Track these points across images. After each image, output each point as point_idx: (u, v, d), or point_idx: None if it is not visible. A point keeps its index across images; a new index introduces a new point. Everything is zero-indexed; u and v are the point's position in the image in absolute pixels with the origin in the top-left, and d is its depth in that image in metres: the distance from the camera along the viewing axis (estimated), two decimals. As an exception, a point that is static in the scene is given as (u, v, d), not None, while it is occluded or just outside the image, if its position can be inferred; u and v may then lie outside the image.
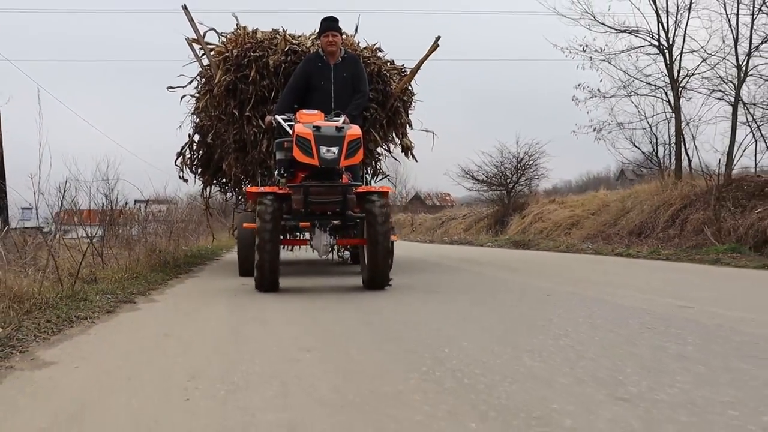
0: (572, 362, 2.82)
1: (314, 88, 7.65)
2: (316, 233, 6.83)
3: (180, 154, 10.80)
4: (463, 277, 7.43)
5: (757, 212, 11.91)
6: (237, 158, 9.01)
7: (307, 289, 6.80)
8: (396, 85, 9.66)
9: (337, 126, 6.62)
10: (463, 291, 6.04)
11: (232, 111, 8.69)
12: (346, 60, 7.88)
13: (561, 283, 6.80)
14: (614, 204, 19.03)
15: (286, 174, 6.89)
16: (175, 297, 6.09)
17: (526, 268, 9.21)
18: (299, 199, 6.48)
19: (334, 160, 6.37)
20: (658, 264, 10.77)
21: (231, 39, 9.27)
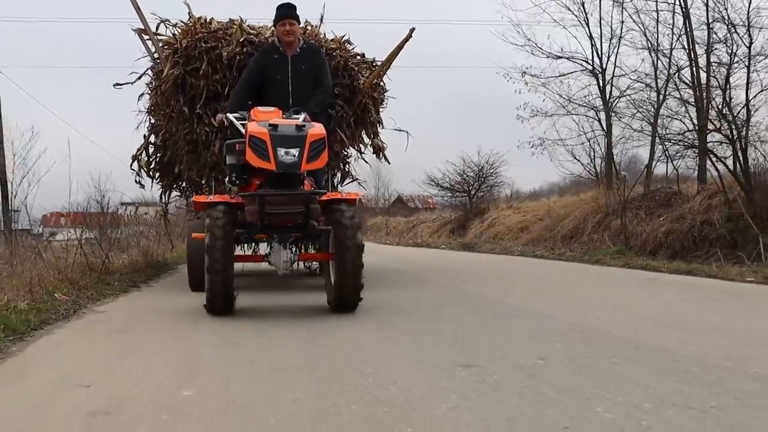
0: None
1: (270, 82, 7.00)
2: (274, 248, 5.94)
3: (135, 158, 9.66)
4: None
5: (661, 219, 13.30)
6: (190, 161, 8.14)
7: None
8: (365, 80, 8.72)
9: (297, 124, 5.71)
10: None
11: (182, 108, 7.92)
12: (305, 51, 7.18)
13: (452, 277, 8.78)
14: (557, 211, 20.18)
15: (238, 181, 6.08)
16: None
17: (447, 267, 11.01)
18: (254, 210, 5.58)
19: (294, 164, 5.44)
20: (550, 263, 12.48)
21: (183, 30, 8.35)
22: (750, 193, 11.06)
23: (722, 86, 11.88)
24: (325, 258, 6.48)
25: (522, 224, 21.76)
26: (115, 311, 5.84)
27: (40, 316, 4.92)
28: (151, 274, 9.80)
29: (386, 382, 2.93)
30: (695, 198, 13.09)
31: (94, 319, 5.39)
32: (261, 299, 6.82)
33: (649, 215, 14.10)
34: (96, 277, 7.44)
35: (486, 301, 6.37)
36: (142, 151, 9.68)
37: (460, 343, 4.00)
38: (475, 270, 10.44)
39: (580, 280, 8.65)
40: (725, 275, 8.80)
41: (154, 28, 8.63)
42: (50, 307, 5.33)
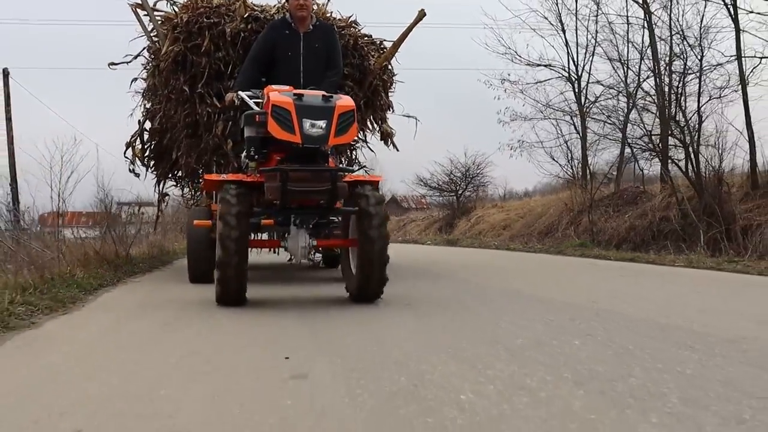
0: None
1: (280, 59, 6.30)
2: (292, 232, 5.23)
3: (129, 145, 8.97)
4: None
5: (626, 216, 14.80)
6: (189, 145, 7.55)
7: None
8: (376, 61, 8.09)
9: (323, 95, 5.10)
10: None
11: (182, 87, 7.32)
12: (318, 28, 6.46)
13: (431, 264, 9.77)
14: (536, 209, 21.28)
15: (257, 156, 5.45)
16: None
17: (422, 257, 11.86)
18: (275, 187, 4.88)
19: (321, 136, 4.84)
20: (518, 254, 13.80)
21: (183, 5, 7.74)
22: (700, 192, 11.98)
23: (677, 95, 13.39)
24: (346, 245, 5.70)
25: (505, 222, 22.71)
26: (148, 281, 7.53)
27: (97, 281, 6.44)
28: (165, 260, 11.90)
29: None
30: (657, 197, 14.52)
31: (135, 284, 7.07)
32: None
33: (617, 212, 15.48)
34: (123, 259, 8.71)
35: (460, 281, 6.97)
36: (136, 138, 8.96)
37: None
38: (450, 260, 10.99)
39: (536, 267, 9.60)
40: (661, 261, 10.17)
41: (151, 4, 7.96)
42: (100, 276, 6.85)
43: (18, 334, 3.79)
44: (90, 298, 5.73)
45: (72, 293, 5.58)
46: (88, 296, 5.80)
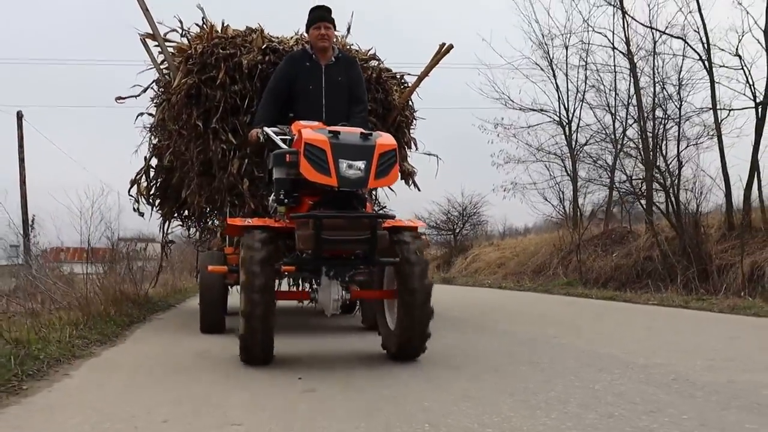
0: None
1: (300, 93, 6.69)
2: (323, 283, 5.26)
3: (134, 183, 9.47)
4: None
5: (614, 255, 17.55)
6: (201, 184, 8.06)
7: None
8: (400, 96, 8.61)
9: (362, 132, 5.19)
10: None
11: (195, 122, 7.77)
12: (340, 60, 6.84)
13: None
14: (530, 247, 24.83)
15: (286, 200, 5.52)
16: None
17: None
18: (308, 236, 4.91)
19: (359, 179, 4.97)
20: (510, 293, 17.51)
21: (196, 36, 8.24)
22: (680, 234, 14.97)
23: (657, 141, 17.11)
24: (384, 297, 5.77)
25: (500, 260, 26.54)
26: (171, 318, 10.03)
27: (128, 318, 8.61)
28: (179, 298, 14.77)
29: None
30: (642, 237, 17.44)
31: (159, 321, 9.46)
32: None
33: (604, 252, 18.42)
34: (143, 298, 10.97)
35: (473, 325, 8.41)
36: (141, 175, 9.47)
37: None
38: (446, 299, 12.38)
39: (523, 304, 12.78)
40: (636, 300, 12.93)
41: (162, 34, 8.47)
42: (129, 314, 8.88)
43: (85, 361, 5.60)
44: (127, 333, 7.74)
45: (112, 329, 7.47)
46: (125, 331, 7.83)
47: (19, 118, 24.92)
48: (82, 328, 7.02)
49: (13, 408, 3.87)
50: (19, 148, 25.00)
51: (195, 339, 6.96)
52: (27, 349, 5.37)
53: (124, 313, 8.89)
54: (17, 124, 24.93)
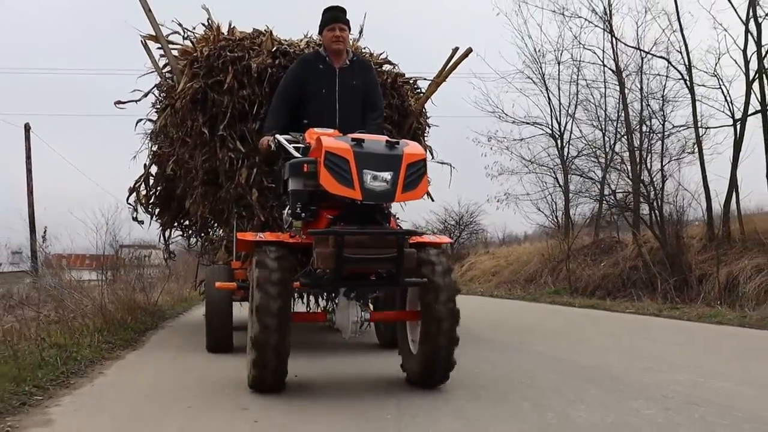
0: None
1: (312, 97, 6.31)
2: (341, 303, 4.84)
3: (133, 190, 9.05)
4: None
5: (602, 264, 17.99)
6: (205, 193, 7.59)
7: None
8: (416, 101, 8.19)
9: (387, 140, 4.73)
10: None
11: (201, 129, 7.29)
12: (355, 64, 6.45)
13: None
14: (524, 256, 25.19)
15: (304, 213, 4.97)
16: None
17: None
18: (328, 254, 4.42)
19: (385, 192, 4.53)
20: (496, 300, 18.49)
21: (202, 38, 7.77)
22: (663, 244, 15.64)
23: (644, 156, 17.81)
24: (407, 318, 5.29)
25: (495, 269, 26.94)
26: (181, 325, 10.58)
27: (143, 325, 9.40)
28: (186, 306, 15.22)
29: None
30: (629, 246, 17.88)
31: (171, 328, 10.21)
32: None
33: (593, 261, 18.78)
34: (153, 306, 11.49)
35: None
36: (140, 183, 8.99)
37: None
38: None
39: (502, 310, 13.84)
40: (615, 308, 13.59)
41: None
42: (142, 321, 9.59)
43: (114, 362, 6.50)
44: (144, 339, 8.50)
45: (130, 335, 8.24)
46: (142, 337, 8.59)
47: (26, 131, 25.18)
48: (106, 334, 7.77)
49: (67, 398, 4.80)
50: (27, 159, 25.30)
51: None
52: (67, 352, 6.29)
53: (139, 320, 9.51)
54: (25, 135, 25.21)
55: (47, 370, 5.45)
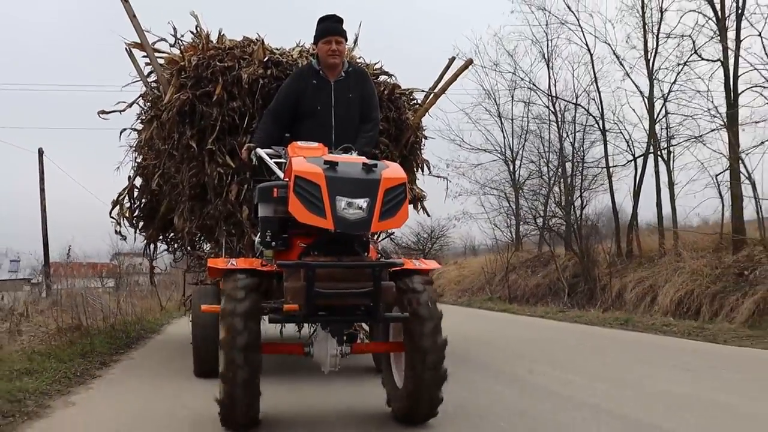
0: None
1: (307, 113, 5.69)
2: (320, 335, 4.24)
3: (116, 203, 8.23)
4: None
5: (538, 276, 19.91)
6: (192, 209, 6.96)
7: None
8: (414, 114, 7.45)
9: (364, 163, 4.01)
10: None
11: (188, 143, 6.58)
12: (351, 75, 5.72)
13: None
14: (485, 267, 25.44)
15: (274, 242, 4.37)
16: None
17: None
18: (298, 289, 3.84)
19: (361, 221, 3.92)
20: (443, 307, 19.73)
21: (190, 46, 6.89)
22: (581, 259, 17.65)
23: (567, 184, 20.05)
24: (391, 350, 4.70)
25: (458, 278, 28.23)
26: (185, 323, 8.78)
27: (159, 321, 12.88)
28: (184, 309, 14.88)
29: None
30: (560, 260, 19.26)
31: (182, 319, 11.65)
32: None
33: (533, 273, 20.67)
34: (162, 306, 14.41)
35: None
36: (124, 196, 8.17)
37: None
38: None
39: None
40: (523, 312, 15.74)
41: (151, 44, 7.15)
42: (156, 320, 12.74)
43: (148, 341, 9.67)
44: (162, 328, 11.94)
45: (151, 326, 11.60)
46: (160, 328, 11.82)
47: (40, 155, 26.76)
48: (132, 327, 10.50)
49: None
50: (40, 182, 27.04)
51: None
52: (123, 332, 8.90)
53: (155, 319, 12.73)
54: (38, 159, 26.78)
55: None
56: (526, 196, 24.24)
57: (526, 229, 25.44)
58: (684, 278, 13.25)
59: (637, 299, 14.27)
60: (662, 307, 13.16)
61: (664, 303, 13.18)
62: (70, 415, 4.83)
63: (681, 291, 13.03)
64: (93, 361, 7.10)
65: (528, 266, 21.71)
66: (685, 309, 12.64)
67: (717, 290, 12.24)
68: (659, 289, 13.72)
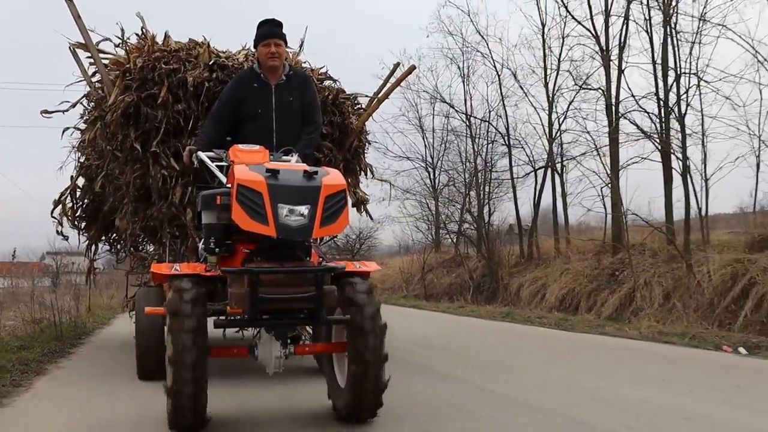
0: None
1: (248, 117, 5.65)
2: (263, 337, 4.19)
3: (58, 203, 8.04)
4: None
5: (453, 275, 21.02)
6: (136, 210, 6.83)
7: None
8: (358, 119, 7.50)
9: (305, 170, 4.00)
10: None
11: (133, 144, 6.44)
12: (292, 79, 5.65)
13: None
14: (411, 265, 26.80)
15: (218, 248, 4.36)
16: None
17: None
18: (242, 295, 3.85)
19: (302, 227, 3.93)
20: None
21: (134, 48, 6.66)
22: (488, 261, 19.15)
23: (478, 193, 21.18)
24: (333, 350, 4.65)
25: (383, 278, 28.75)
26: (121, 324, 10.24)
27: (107, 315, 14.53)
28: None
29: None
30: (472, 262, 20.43)
31: (121, 318, 11.96)
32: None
33: (448, 272, 21.67)
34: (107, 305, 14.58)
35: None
36: (66, 196, 8.00)
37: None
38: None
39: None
40: (431, 308, 16.92)
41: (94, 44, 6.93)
42: (102, 315, 13.93)
43: (102, 329, 11.90)
44: (110, 322, 13.38)
45: (100, 320, 13.06)
46: (109, 320, 13.48)
47: None
48: (87, 319, 11.69)
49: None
50: None
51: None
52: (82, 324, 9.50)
53: (102, 314, 13.59)
54: None
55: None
56: (443, 202, 25.82)
57: (443, 232, 26.64)
58: (568, 278, 14.79)
59: (530, 296, 15.70)
60: (549, 303, 14.64)
61: (551, 299, 14.72)
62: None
63: (565, 289, 14.61)
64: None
65: (444, 266, 23.10)
66: (567, 304, 14.12)
67: (593, 288, 13.87)
68: (548, 288, 15.20)
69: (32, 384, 5.95)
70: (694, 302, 10.84)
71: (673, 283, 11.67)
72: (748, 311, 9.72)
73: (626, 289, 12.67)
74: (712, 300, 10.45)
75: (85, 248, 8.86)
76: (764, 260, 10.28)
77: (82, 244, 9.00)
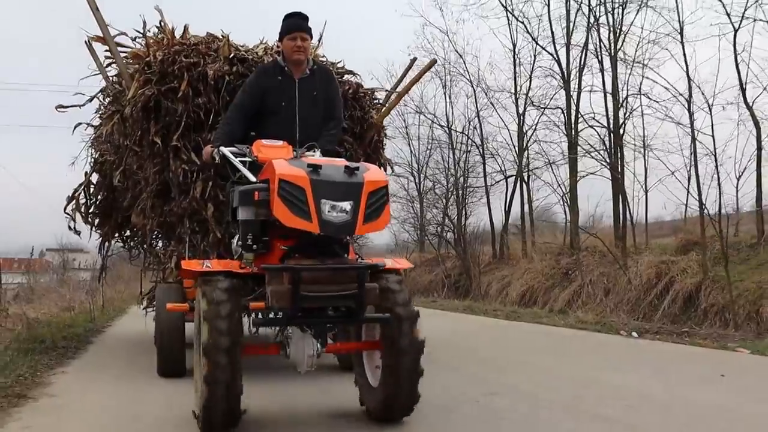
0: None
1: (271, 110, 5.33)
2: (296, 335, 3.93)
3: (72, 199, 7.83)
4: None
5: (433, 273, 22.38)
6: (154, 206, 6.61)
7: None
8: (378, 113, 7.27)
9: (347, 166, 3.75)
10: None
11: (153, 139, 6.22)
12: (315, 73, 5.38)
13: None
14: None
15: (256, 245, 4.09)
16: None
17: None
18: (283, 292, 3.63)
19: (345, 224, 3.71)
20: None
21: (154, 41, 6.45)
22: (464, 261, 20.30)
23: (457, 198, 22.25)
24: (366, 348, 4.45)
25: None
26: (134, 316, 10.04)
27: (124, 306, 15.93)
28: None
29: None
30: (451, 261, 21.34)
31: (127, 318, 12.68)
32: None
33: (430, 270, 23.04)
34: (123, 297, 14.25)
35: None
36: (80, 192, 7.79)
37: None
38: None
39: None
40: (418, 304, 17.85)
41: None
42: (121, 308, 14.77)
43: (118, 319, 12.93)
44: (126, 312, 14.26)
45: (118, 311, 13.56)
46: (124, 312, 14.09)
47: None
48: (107, 309, 11.20)
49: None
50: None
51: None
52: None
53: (120, 306, 13.54)
54: None
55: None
56: (427, 206, 27.90)
57: (426, 233, 28.08)
58: (530, 276, 16.17)
59: (497, 292, 17.07)
60: (511, 298, 16.04)
61: (512, 295, 16.21)
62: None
63: (525, 286, 16.05)
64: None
65: (427, 265, 24.93)
66: (527, 300, 15.48)
67: (548, 285, 15.25)
68: (512, 284, 16.65)
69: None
70: (625, 297, 12.40)
71: (612, 281, 13.15)
72: (666, 305, 11.27)
73: (575, 286, 14.10)
74: (639, 295, 12.06)
75: (98, 245, 8.59)
76: (684, 262, 11.59)
77: (94, 241, 8.53)
